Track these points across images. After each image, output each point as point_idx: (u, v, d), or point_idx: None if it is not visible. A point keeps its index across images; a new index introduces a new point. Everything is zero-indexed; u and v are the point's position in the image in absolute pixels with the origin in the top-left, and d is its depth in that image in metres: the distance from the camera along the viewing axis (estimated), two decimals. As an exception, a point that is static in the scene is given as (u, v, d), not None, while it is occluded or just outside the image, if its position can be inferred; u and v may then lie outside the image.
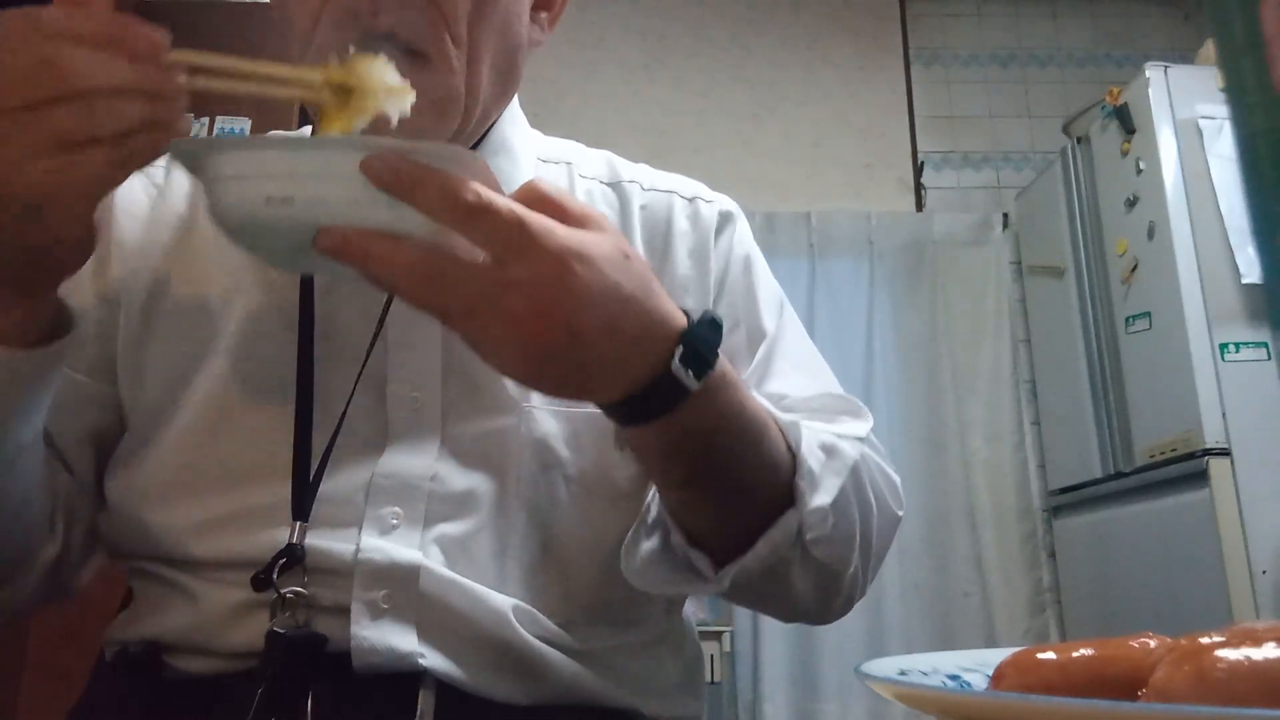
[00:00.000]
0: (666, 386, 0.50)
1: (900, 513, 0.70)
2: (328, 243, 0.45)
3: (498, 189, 0.46)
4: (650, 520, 0.62)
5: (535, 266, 0.45)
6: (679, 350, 0.50)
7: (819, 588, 0.65)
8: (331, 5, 0.62)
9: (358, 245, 0.45)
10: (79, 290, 0.68)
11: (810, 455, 0.60)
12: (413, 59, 0.62)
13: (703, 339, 0.51)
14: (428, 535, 0.62)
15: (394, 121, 0.54)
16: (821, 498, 0.59)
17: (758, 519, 0.59)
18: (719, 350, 0.53)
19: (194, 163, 0.50)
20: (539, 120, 0.82)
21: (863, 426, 0.68)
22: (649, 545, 0.61)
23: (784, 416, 0.61)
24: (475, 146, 0.72)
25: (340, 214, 0.46)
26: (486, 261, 0.46)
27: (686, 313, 0.52)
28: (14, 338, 0.53)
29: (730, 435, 0.56)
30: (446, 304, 0.46)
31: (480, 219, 0.45)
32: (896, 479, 0.71)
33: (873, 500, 0.66)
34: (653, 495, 0.63)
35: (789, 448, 0.60)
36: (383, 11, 0.61)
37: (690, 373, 0.50)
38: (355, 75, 0.53)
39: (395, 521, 0.62)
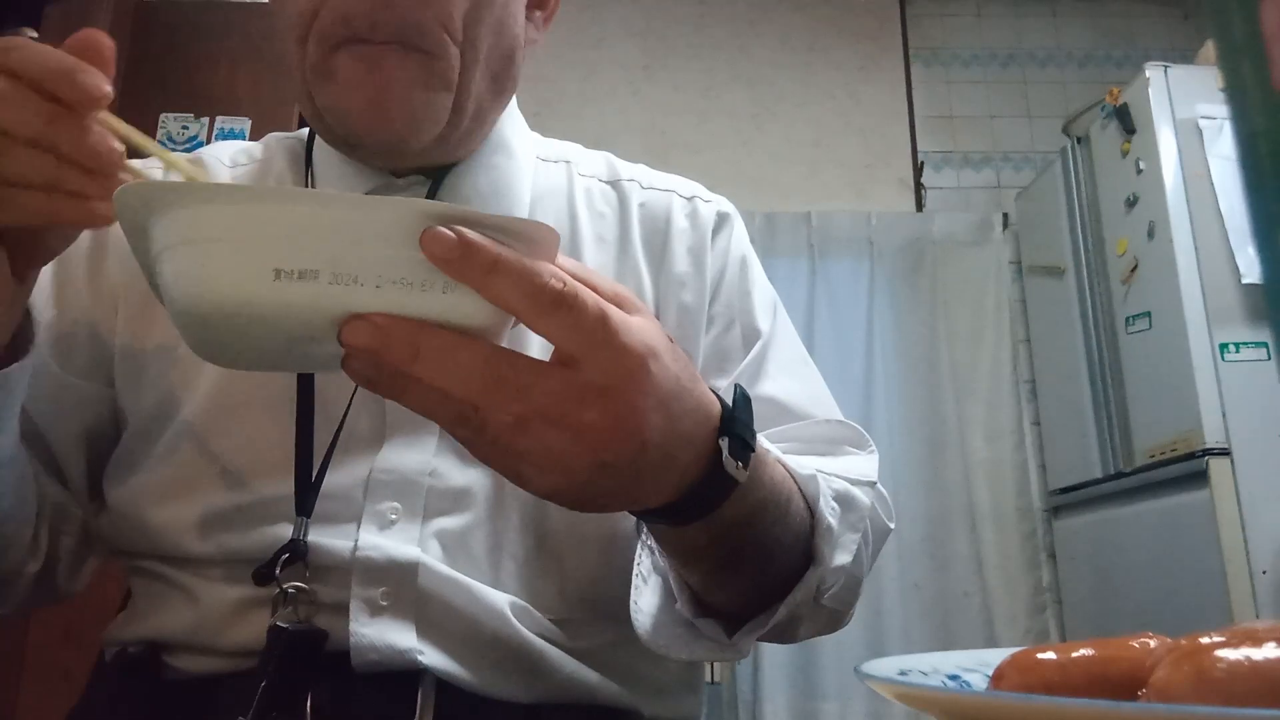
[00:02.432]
0: (716, 481, 0.46)
1: (891, 525, 0.70)
2: (362, 336, 0.35)
3: (554, 260, 0.40)
4: (646, 568, 0.60)
5: (614, 367, 0.39)
6: (725, 442, 0.45)
7: (822, 628, 0.64)
8: (327, 6, 0.62)
9: (406, 340, 0.36)
10: (74, 292, 0.68)
11: (828, 510, 0.58)
12: (408, 52, 0.62)
13: (742, 423, 0.47)
14: (426, 530, 0.62)
15: None
16: (841, 557, 0.58)
17: (776, 581, 0.58)
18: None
19: (150, 218, 0.36)
20: (539, 120, 0.82)
21: (872, 466, 0.67)
22: (651, 601, 0.59)
23: (799, 469, 0.58)
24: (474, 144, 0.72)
25: (379, 297, 0.35)
26: (551, 359, 0.39)
27: (716, 393, 0.47)
28: None
29: (762, 516, 0.53)
30: (496, 414, 0.38)
31: (564, 312, 0.37)
32: (886, 492, 0.70)
33: (871, 532, 0.65)
34: (643, 538, 0.61)
35: (805, 502, 0.58)
36: (381, 23, 0.61)
37: (739, 465, 0.46)
38: None
39: (394, 516, 0.62)
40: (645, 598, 0.59)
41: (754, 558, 0.54)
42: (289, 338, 0.37)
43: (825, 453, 0.67)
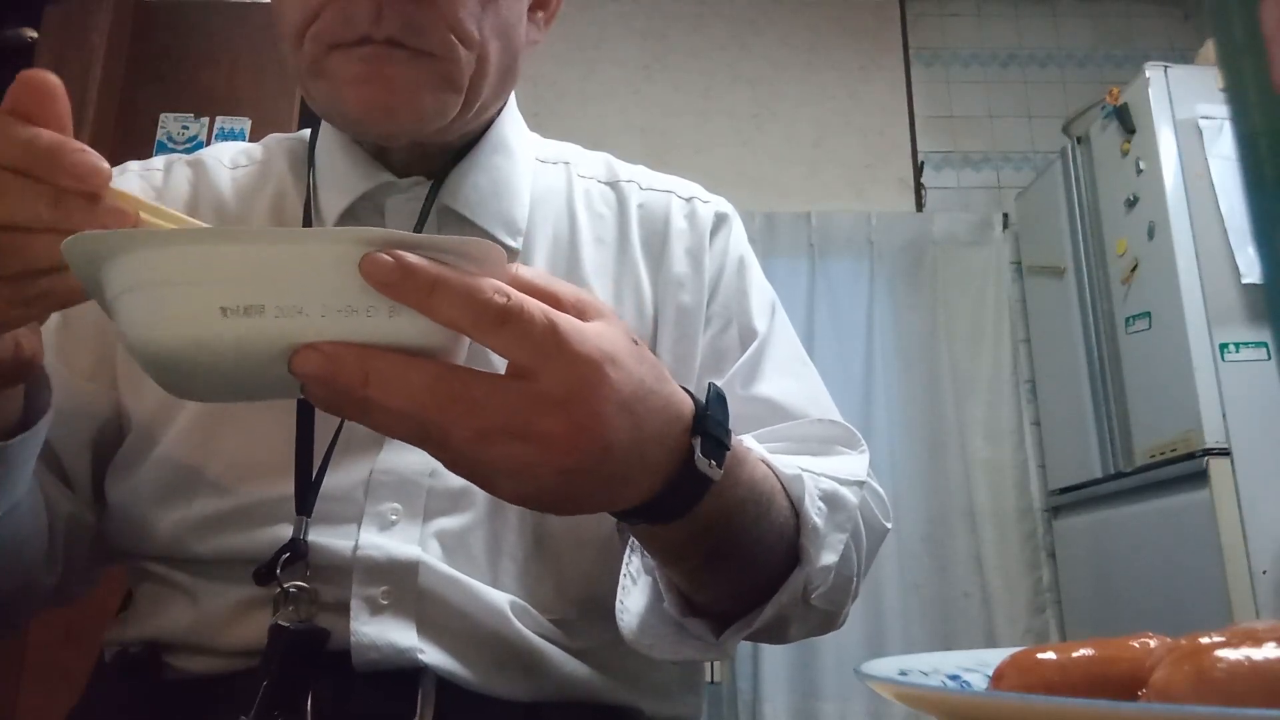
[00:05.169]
0: (690, 481, 0.46)
1: (888, 525, 0.70)
2: (312, 365, 0.36)
3: (505, 275, 0.40)
4: (634, 569, 0.60)
5: (569, 376, 0.39)
6: (698, 441, 0.46)
7: (815, 628, 0.64)
8: (330, 9, 0.62)
9: (356, 365, 0.36)
10: None
11: (813, 509, 0.58)
12: (414, 55, 0.62)
13: (715, 420, 0.47)
14: (426, 530, 0.62)
15: None
16: (828, 557, 0.58)
17: (762, 580, 0.58)
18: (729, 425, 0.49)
19: (101, 267, 0.37)
20: (539, 120, 0.82)
21: (861, 465, 0.66)
22: (639, 601, 0.58)
23: (784, 468, 0.59)
24: (474, 143, 0.72)
25: (326, 327, 0.36)
26: (506, 373, 0.39)
27: (689, 392, 0.47)
28: None
29: (743, 515, 0.53)
30: (456, 429, 0.38)
31: (511, 326, 0.38)
32: (883, 492, 0.70)
33: (864, 532, 0.65)
34: (631, 542, 0.61)
35: (790, 502, 0.58)
36: (385, 19, 0.61)
37: (713, 463, 0.46)
38: None
39: (394, 517, 0.62)
40: (633, 598, 0.59)
41: (735, 556, 0.54)
42: (245, 371, 0.38)
43: (815, 452, 0.66)
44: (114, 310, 0.38)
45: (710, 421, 0.47)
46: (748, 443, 0.58)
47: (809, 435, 0.69)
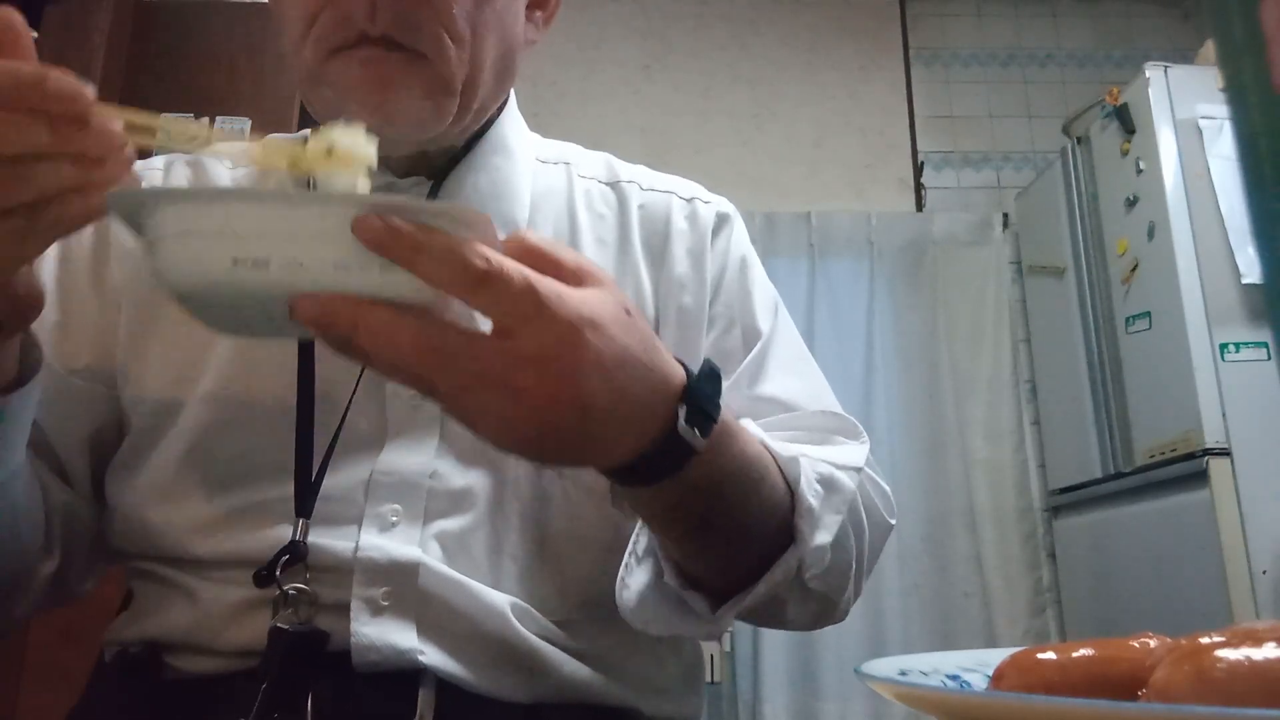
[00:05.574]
0: (673, 447, 0.48)
1: (892, 521, 0.70)
2: (309, 312, 0.40)
3: (498, 245, 0.43)
4: (640, 549, 0.61)
5: (546, 337, 0.42)
6: (683, 410, 0.48)
7: (814, 614, 0.65)
8: (328, 8, 0.62)
9: (346, 315, 0.40)
10: (78, 295, 0.69)
11: (809, 491, 0.59)
12: (410, 58, 0.62)
13: (704, 394, 0.49)
14: (427, 531, 0.62)
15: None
16: (822, 536, 0.59)
17: (757, 558, 0.58)
18: (720, 401, 0.51)
19: (139, 217, 0.42)
20: (539, 120, 0.82)
21: (860, 453, 0.67)
22: (641, 579, 0.60)
23: (782, 451, 0.60)
24: (474, 144, 0.72)
25: (323, 279, 0.40)
26: (490, 331, 0.42)
27: (684, 366, 0.49)
28: None
29: (733, 486, 0.54)
30: (440, 379, 0.42)
31: (490, 287, 0.41)
32: (887, 488, 0.71)
33: (865, 521, 0.66)
34: (641, 524, 0.62)
35: (787, 483, 0.59)
36: (379, 13, 0.61)
37: (696, 432, 0.48)
38: (321, 159, 0.47)
39: (395, 519, 0.62)
40: (635, 576, 0.60)
41: (726, 527, 0.55)
42: (255, 314, 0.43)
43: (816, 441, 0.67)
44: (149, 251, 0.43)
45: (698, 393, 0.49)
46: (747, 424, 0.59)
47: (810, 425, 0.69)
